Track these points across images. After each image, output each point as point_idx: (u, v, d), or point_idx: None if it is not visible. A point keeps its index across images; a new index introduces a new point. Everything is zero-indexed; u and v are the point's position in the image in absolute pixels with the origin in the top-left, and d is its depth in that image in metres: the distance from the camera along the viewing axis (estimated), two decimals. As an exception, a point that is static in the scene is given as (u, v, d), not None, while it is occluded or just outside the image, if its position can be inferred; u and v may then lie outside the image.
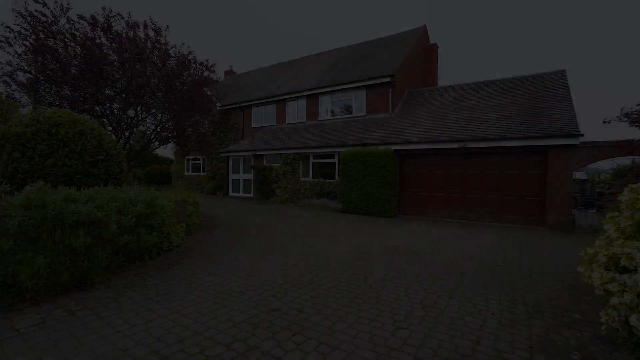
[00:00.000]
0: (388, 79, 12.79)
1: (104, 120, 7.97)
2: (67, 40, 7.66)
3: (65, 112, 4.27)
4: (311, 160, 13.18)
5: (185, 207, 6.07)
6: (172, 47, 8.68)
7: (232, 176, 16.58)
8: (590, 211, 14.38)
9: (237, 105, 18.18)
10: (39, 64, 7.28)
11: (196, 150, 10.71)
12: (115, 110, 8.38)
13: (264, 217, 9.45)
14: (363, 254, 5.32)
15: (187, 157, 21.00)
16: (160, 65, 7.80)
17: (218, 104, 19.19)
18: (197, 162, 20.74)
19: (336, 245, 5.98)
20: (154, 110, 8.53)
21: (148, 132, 9.19)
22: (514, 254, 5.53)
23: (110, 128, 8.33)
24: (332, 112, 14.94)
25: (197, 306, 3.13)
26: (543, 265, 4.84)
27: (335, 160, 12.42)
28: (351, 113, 14.30)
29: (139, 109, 8.84)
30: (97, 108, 8.13)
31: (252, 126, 17.93)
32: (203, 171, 20.24)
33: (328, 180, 12.50)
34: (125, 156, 5.09)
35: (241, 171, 16.13)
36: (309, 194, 12.82)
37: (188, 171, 21.21)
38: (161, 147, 10.24)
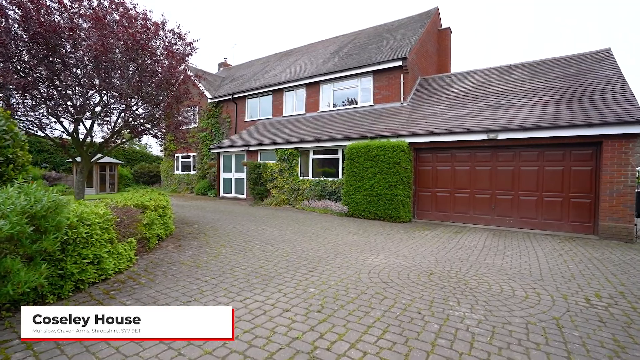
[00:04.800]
0: (399, 63, 11.13)
1: (49, 102, 6.29)
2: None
3: None
4: (311, 156, 11.52)
5: (136, 215, 4.40)
6: (141, 14, 6.98)
7: (223, 175, 14.91)
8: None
9: (230, 97, 16.51)
10: None
11: (178, 143, 9.00)
12: (69, 92, 6.70)
13: (254, 224, 7.78)
14: (388, 284, 3.66)
15: (176, 154, 19.34)
16: (121, 28, 6.13)
17: (209, 97, 17.55)
18: (187, 160, 19.07)
19: (346, 268, 4.31)
20: (115, 93, 6.84)
21: (111, 120, 7.50)
22: (602, 283, 3.86)
23: (59, 112, 6.67)
24: (334, 102, 13.27)
25: None
26: (664, 305, 3.18)
27: (339, 156, 10.76)
28: (356, 103, 12.63)
29: (104, 93, 7.19)
30: (43, 90, 6.47)
31: (246, 120, 16.26)
32: (193, 170, 18.59)
33: (330, 179, 10.85)
34: (23, 142, 3.41)
35: (233, 169, 14.45)
36: (308, 194, 11.16)
37: (178, 170, 19.54)
38: (133, 139, 8.56)
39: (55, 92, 6.46)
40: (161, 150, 18.65)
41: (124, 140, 8.92)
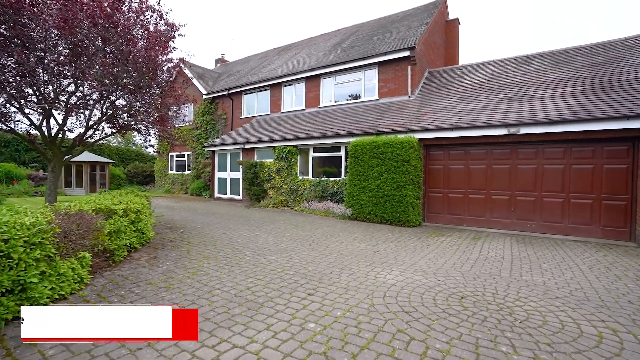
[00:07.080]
0: (407, 53, 10.28)
1: (9, 89, 5.44)
2: None
3: None
4: (311, 154, 10.67)
5: (95, 222, 3.55)
6: None
7: (218, 174, 14.06)
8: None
9: (225, 93, 15.67)
10: None
11: (162, 139, 8.13)
12: (34, 78, 5.84)
13: (247, 229, 6.93)
14: (411, 315, 2.81)
15: (170, 153, 18.49)
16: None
17: (204, 92, 16.70)
18: (181, 159, 18.23)
19: (355, 289, 3.46)
20: (90, 82, 5.99)
21: (86, 113, 6.65)
22: (681, 310, 3.01)
23: (21, 101, 5.83)
24: (336, 97, 12.42)
25: None
26: None
27: (342, 153, 9.91)
28: (360, 98, 11.78)
29: (79, 82, 6.35)
30: (4, 76, 5.63)
31: (243, 116, 15.42)
32: (188, 169, 17.74)
33: (332, 179, 10.00)
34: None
35: (228, 169, 13.60)
36: (308, 195, 10.31)
37: (172, 169, 18.70)
38: (114, 135, 7.70)
39: (16, 78, 5.62)
40: (145, 147, 17.72)
41: (105, 134, 8.07)
